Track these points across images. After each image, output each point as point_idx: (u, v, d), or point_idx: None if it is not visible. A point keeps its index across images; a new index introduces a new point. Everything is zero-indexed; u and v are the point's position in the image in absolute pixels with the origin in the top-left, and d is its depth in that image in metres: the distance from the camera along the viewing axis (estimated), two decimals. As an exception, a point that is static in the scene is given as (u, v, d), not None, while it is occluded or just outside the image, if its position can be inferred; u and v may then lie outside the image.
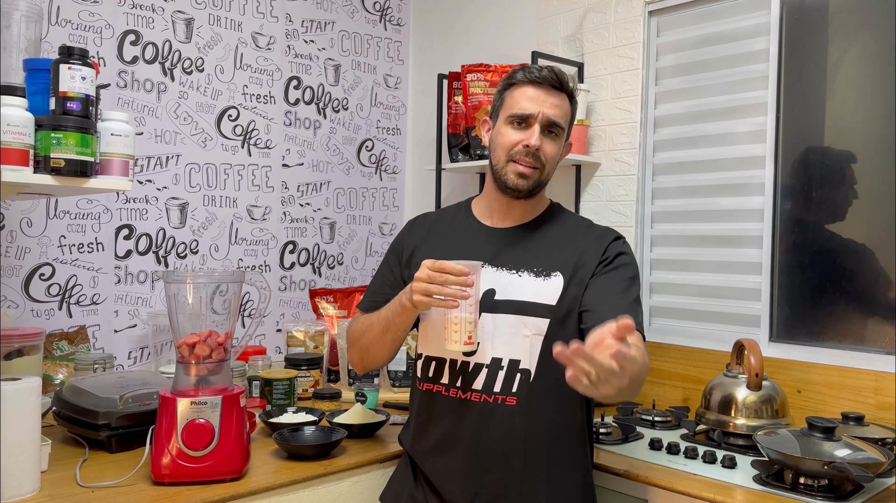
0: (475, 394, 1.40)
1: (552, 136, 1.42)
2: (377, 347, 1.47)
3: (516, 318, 1.39)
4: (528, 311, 1.39)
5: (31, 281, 2.00)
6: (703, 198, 2.14)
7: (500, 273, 1.43)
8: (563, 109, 1.42)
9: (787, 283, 1.99)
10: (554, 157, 1.44)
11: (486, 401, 1.39)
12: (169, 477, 1.38)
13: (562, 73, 1.43)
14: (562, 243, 1.46)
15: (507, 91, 1.45)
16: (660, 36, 2.24)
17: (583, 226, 1.51)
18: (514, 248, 1.46)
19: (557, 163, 1.48)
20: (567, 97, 1.44)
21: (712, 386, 1.79)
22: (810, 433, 1.48)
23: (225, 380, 1.47)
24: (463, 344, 1.30)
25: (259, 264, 2.48)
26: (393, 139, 2.89)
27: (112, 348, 2.14)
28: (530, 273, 1.42)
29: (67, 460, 1.49)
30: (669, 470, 1.55)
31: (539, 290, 1.40)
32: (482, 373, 1.40)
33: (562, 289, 1.39)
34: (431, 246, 1.52)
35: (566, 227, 1.50)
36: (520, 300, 1.40)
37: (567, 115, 1.44)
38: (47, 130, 1.26)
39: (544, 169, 1.43)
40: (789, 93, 1.98)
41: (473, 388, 1.40)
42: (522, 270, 1.42)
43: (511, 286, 1.41)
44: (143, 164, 2.20)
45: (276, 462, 1.53)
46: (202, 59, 2.32)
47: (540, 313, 1.39)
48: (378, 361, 1.52)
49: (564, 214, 1.55)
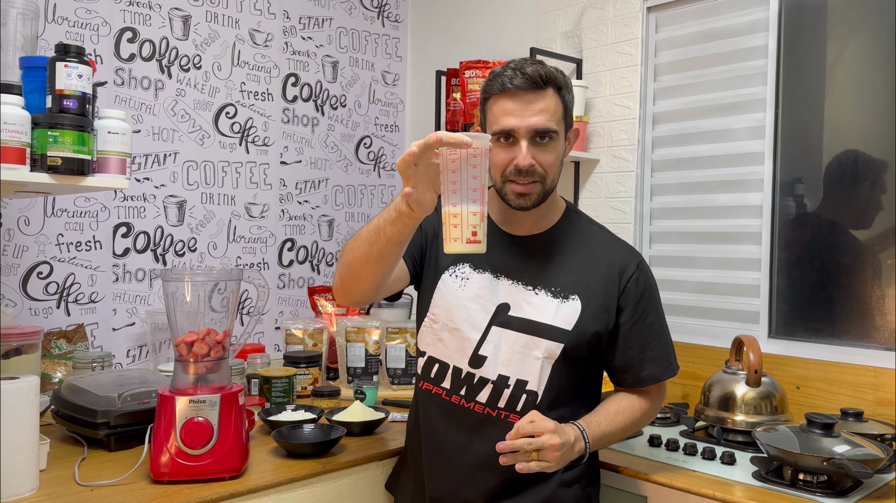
0: (479, 405, 1.39)
1: (545, 143, 1.31)
2: (361, 265, 1.23)
3: (529, 339, 1.36)
4: (543, 334, 1.36)
5: (29, 279, 2.00)
6: (701, 194, 2.14)
7: (516, 288, 1.39)
8: (551, 110, 1.29)
9: (786, 280, 1.98)
10: (552, 163, 1.33)
11: (489, 413, 1.38)
12: (168, 475, 1.37)
13: (540, 69, 1.28)
14: (581, 261, 1.40)
15: (486, 104, 1.35)
16: (658, 32, 2.23)
17: (604, 241, 1.45)
18: (532, 261, 1.41)
19: (562, 162, 1.38)
20: (555, 90, 1.30)
21: (711, 382, 1.79)
22: (809, 429, 1.48)
23: (223, 379, 1.46)
24: (465, 242, 1.06)
25: (257, 262, 2.47)
26: (391, 136, 2.88)
27: (110, 347, 2.14)
28: (548, 293, 1.38)
29: (66, 459, 1.49)
30: (668, 466, 1.55)
31: (556, 313, 1.36)
32: (487, 388, 1.38)
33: (578, 314, 1.37)
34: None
35: (587, 242, 1.43)
36: (535, 320, 1.37)
37: (557, 112, 1.31)
38: (44, 128, 1.25)
39: (545, 180, 1.33)
40: (788, 89, 1.98)
41: (477, 400, 1.39)
42: (540, 288, 1.38)
43: (526, 304, 1.38)
44: (141, 161, 2.19)
45: (275, 460, 1.53)
46: (199, 56, 2.31)
47: (555, 337, 1.36)
48: (361, 285, 1.27)
49: (582, 223, 1.47)
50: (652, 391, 1.46)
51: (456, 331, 1.40)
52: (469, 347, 1.39)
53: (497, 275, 1.40)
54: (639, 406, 1.43)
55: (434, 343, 1.44)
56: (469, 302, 1.39)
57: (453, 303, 1.40)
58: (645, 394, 1.45)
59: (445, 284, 1.42)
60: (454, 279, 1.42)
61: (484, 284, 1.40)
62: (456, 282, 1.42)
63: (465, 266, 1.42)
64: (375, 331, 2.20)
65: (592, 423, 1.35)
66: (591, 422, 1.35)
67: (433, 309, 1.43)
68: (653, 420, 1.53)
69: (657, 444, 1.68)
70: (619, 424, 1.39)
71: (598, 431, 1.35)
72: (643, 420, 1.46)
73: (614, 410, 1.40)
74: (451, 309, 1.40)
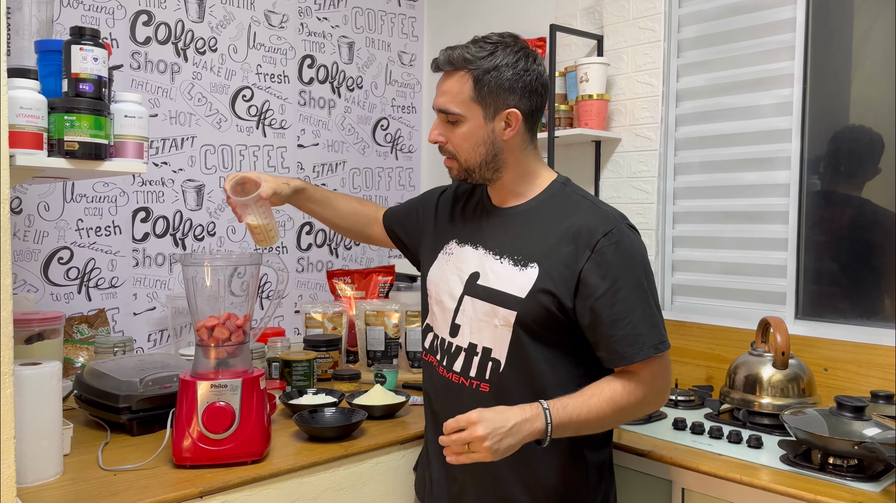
0: (455, 375, 1.40)
1: (454, 124, 1.34)
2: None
3: (490, 307, 1.34)
4: (500, 302, 1.33)
5: (50, 265, 2.00)
6: (727, 173, 2.10)
7: (487, 257, 1.38)
8: (453, 92, 1.31)
9: (814, 259, 1.94)
10: (459, 143, 1.34)
11: (464, 383, 1.38)
12: (190, 460, 1.38)
13: (452, 52, 1.32)
14: (552, 231, 1.33)
15: None
16: (682, 6, 2.18)
17: (583, 209, 1.34)
18: (505, 231, 1.39)
19: (486, 143, 1.34)
20: (467, 72, 1.30)
21: (737, 365, 1.76)
22: (839, 412, 1.45)
23: (244, 363, 1.46)
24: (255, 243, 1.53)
25: (276, 246, 2.46)
26: (408, 118, 2.85)
27: (131, 331, 2.15)
28: (510, 260, 1.35)
29: (89, 443, 1.50)
30: (694, 450, 1.52)
31: (512, 280, 1.32)
32: (461, 356, 1.39)
33: (533, 282, 1.30)
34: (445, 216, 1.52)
35: (565, 211, 1.35)
36: (495, 289, 1.35)
37: (461, 94, 1.31)
38: (60, 113, 1.24)
39: (459, 158, 1.36)
40: (817, 63, 1.92)
41: (454, 370, 1.40)
42: (504, 257, 1.36)
43: (492, 273, 1.36)
44: (159, 146, 2.19)
45: (296, 444, 1.53)
46: (215, 38, 2.29)
47: (509, 305, 1.32)
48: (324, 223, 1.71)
49: (567, 193, 1.39)
50: (640, 372, 1.27)
51: (440, 303, 1.44)
52: (449, 316, 1.42)
53: (476, 247, 1.42)
54: (621, 390, 1.26)
55: (430, 316, 1.48)
56: (450, 274, 1.43)
57: (439, 277, 1.46)
58: (631, 376, 1.28)
59: (437, 262, 1.49)
60: (444, 255, 1.48)
61: (464, 257, 1.43)
62: (443, 258, 1.47)
63: (451, 243, 1.47)
64: (395, 314, 2.19)
65: (559, 404, 1.24)
66: (559, 403, 1.24)
67: (428, 285, 1.50)
68: (654, 408, 1.33)
69: (682, 428, 1.66)
70: (593, 407, 1.24)
71: (565, 413, 1.23)
72: (632, 406, 1.28)
73: (589, 393, 1.26)
74: (438, 282, 1.46)
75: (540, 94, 1.35)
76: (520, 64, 1.32)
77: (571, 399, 1.25)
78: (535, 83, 1.34)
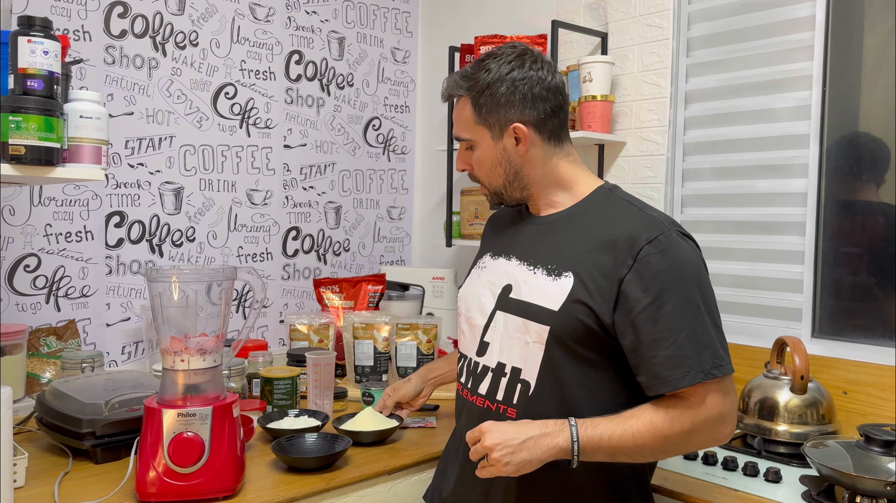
0: (479, 398, 1.28)
1: (471, 150, 1.33)
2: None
3: (522, 322, 1.21)
4: (532, 316, 1.20)
5: (16, 273, 1.87)
6: (739, 180, 1.97)
7: (520, 268, 1.27)
8: (460, 118, 1.31)
9: (833, 273, 1.82)
10: (479, 167, 1.32)
11: (490, 407, 1.26)
12: (155, 495, 1.26)
13: (445, 84, 1.33)
14: (591, 238, 1.21)
15: None
16: (692, 2, 2.06)
17: (627, 215, 1.21)
18: (541, 240, 1.27)
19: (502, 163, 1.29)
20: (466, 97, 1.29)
21: (751, 387, 1.64)
22: (867, 447, 1.33)
23: (216, 388, 1.33)
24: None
25: (260, 252, 2.34)
26: (401, 117, 2.72)
27: (104, 343, 2.02)
28: (543, 270, 1.22)
29: (48, 472, 1.38)
30: (706, 484, 1.41)
31: (545, 291, 1.20)
32: (487, 377, 1.27)
33: (568, 292, 1.17)
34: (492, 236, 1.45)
35: (608, 218, 1.22)
36: (528, 301, 1.22)
37: (469, 119, 1.29)
38: (5, 113, 1.11)
39: (483, 181, 1.34)
40: (837, 65, 1.80)
41: (479, 392, 1.28)
42: (539, 266, 1.24)
43: (524, 284, 1.24)
44: (135, 146, 2.05)
45: (273, 475, 1.40)
46: (196, 32, 2.16)
47: (542, 319, 1.18)
48: None
49: (612, 199, 1.26)
50: (689, 398, 1.12)
51: (469, 320, 1.35)
52: (478, 334, 1.31)
53: (509, 258, 1.31)
54: (663, 415, 1.12)
55: (460, 337, 1.39)
56: (482, 288, 1.33)
57: (470, 293, 1.36)
58: (677, 401, 1.13)
59: (469, 278, 1.41)
60: (477, 270, 1.39)
61: (497, 269, 1.32)
62: (476, 273, 1.39)
63: (486, 256, 1.39)
64: (385, 327, 2.06)
65: (590, 422, 1.13)
66: (590, 422, 1.13)
67: (459, 302, 1.41)
68: (707, 442, 1.15)
69: (692, 457, 1.53)
70: (628, 430, 1.12)
71: (595, 433, 1.12)
72: (676, 436, 1.12)
73: (627, 415, 1.14)
74: (468, 298, 1.36)
75: (545, 99, 1.25)
76: (513, 74, 1.24)
77: (605, 419, 1.13)
78: (536, 89, 1.24)
